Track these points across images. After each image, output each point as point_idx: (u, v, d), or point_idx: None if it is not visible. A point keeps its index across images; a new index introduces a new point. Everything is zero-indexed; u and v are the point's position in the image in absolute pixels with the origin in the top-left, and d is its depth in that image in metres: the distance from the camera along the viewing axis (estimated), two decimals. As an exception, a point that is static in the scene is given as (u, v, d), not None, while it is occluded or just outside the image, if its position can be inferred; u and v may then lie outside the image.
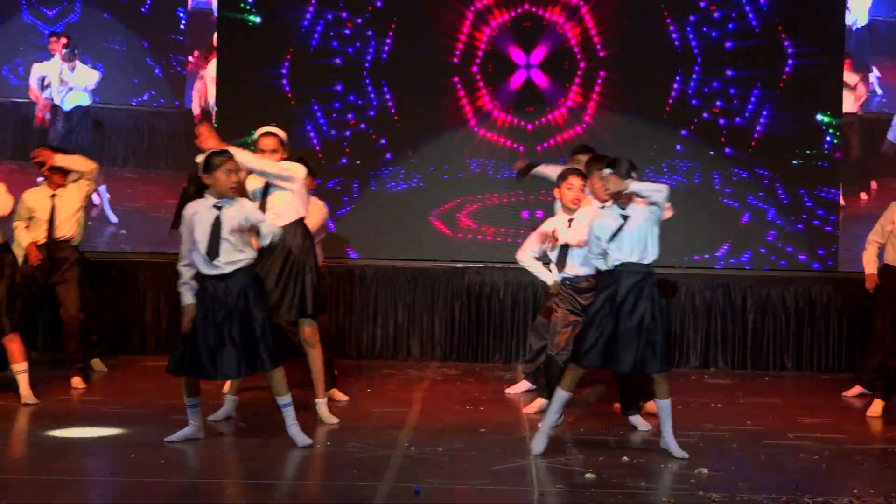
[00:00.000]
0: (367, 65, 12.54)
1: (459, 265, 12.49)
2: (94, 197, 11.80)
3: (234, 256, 8.05)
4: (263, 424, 8.97)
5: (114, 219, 12.48)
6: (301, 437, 8.15)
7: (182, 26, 12.56)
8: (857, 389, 10.78)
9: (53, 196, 10.58)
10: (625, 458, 7.98)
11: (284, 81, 12.53)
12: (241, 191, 8.47)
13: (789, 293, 12.35)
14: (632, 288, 8.08)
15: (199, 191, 8.13)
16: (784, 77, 12.49)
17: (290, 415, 8.21)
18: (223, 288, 8.02)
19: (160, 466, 7.53)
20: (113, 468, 7.47)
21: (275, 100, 12.46)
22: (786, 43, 12.46)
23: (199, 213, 8.06)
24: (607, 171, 8.13)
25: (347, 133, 12.45)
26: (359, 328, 12.33)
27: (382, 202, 12.44)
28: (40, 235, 10.57)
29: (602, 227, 8.20)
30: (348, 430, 8.74)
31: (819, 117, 12.49)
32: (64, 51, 12.46)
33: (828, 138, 12.49)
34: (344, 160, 12.51)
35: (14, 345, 9.57)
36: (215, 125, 12.20)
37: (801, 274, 12.45)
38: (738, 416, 9.76)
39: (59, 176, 10.58)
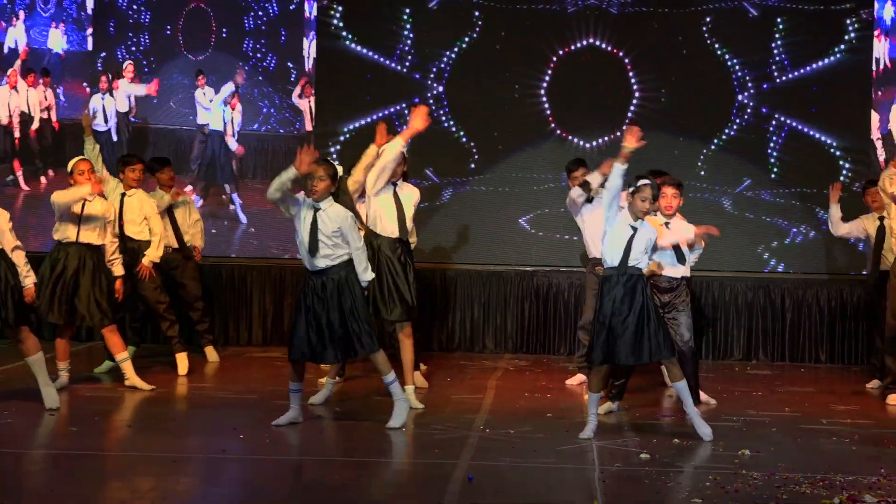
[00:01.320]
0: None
1: (529, 269, 12.49)
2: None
3: (326, 252, 7.96)
4: (356, 408, 9.03)
5: (244, 220, 12.78)
6: (399, 420, 8.13)
7: (293, 76, 12.86)
8: None
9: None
10: (675, 440, 7.96)
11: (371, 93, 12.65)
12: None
13: (823, 294, 12.25)
14: (627, 290, 7.87)
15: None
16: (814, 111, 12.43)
17: (396, 390, 8.18)
18: (321, 283, 7.97)
19: (266, 446, 7.62)
20: (225, 447, 7.54)
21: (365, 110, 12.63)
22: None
23: (302, 210, 8.02)
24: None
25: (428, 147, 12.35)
26: (440, 324, 12.36)
27: (455, 211, 12.51)
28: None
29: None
30: (431, 414, 8.78)
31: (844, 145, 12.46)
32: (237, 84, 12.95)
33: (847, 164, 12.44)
34: (428, 170, 12.56)
35: (115, 336, 9.47)
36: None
37: (835, 277, 12.33)
38: (777, 403, 9.70)
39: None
